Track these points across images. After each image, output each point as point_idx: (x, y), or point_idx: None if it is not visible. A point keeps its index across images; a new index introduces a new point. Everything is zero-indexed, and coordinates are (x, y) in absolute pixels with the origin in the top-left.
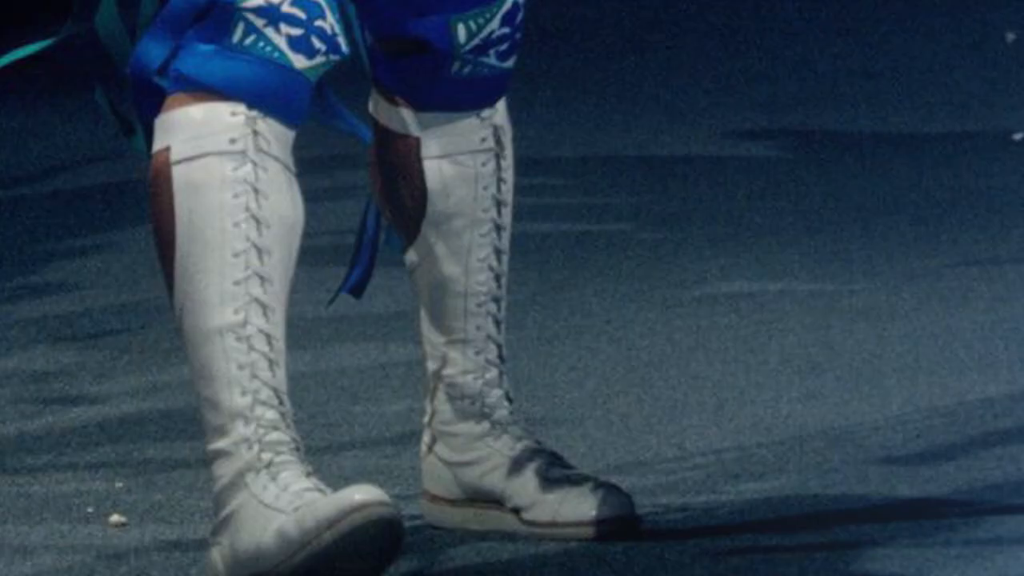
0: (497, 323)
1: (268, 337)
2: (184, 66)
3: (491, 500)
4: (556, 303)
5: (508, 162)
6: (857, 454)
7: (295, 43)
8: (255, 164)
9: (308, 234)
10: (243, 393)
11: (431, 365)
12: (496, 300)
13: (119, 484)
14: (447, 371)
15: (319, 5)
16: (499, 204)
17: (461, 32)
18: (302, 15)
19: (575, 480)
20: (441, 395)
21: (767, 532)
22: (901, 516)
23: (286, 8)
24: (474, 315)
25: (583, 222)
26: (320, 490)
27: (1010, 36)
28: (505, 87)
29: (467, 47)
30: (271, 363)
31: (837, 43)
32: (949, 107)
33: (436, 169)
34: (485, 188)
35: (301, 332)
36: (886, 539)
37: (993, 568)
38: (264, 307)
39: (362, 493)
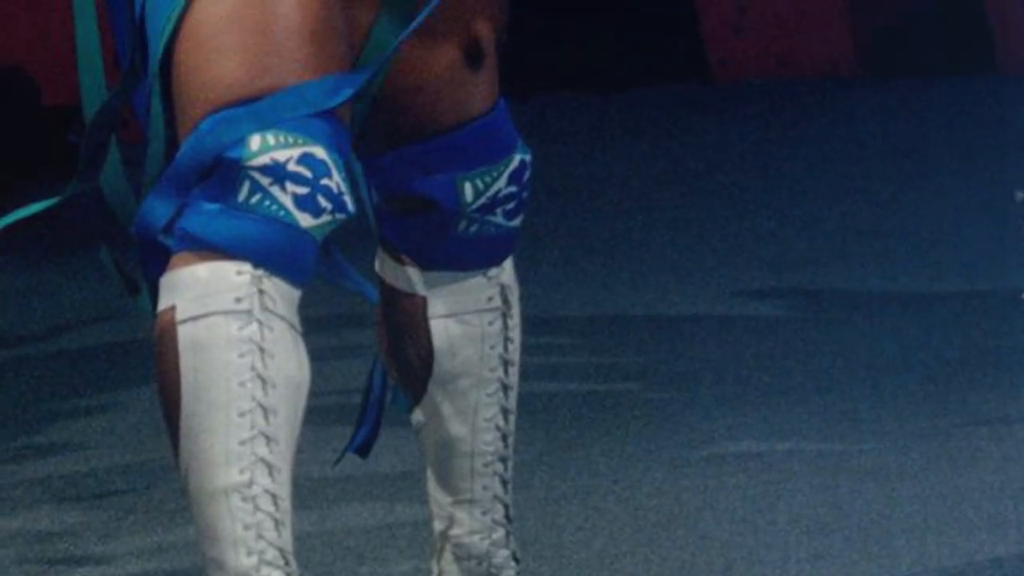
0: (504, 483)
1: (274, 497)
2: (189, 225)
3: None
4: (563, 463)
5: (515, 321)
6: None
7: (301, 202)
8: (261, 323)
9: (314, 393)
10: (249, 553)
11: (438, 525)
12: (503, 460)
13: None
14: (454, 531)
15: (325, 163)
16: (506, 363)
17: (468, 191)
18: (308, 173)
19: None
20: (448, 555)
21: None
22: None
23: (292, 166)
24: (481, 475)
25: (590, 381)
26: None
27: (1019, 195)
28: (512, 246)
29: (474, 206)
30: (277, 523)
31: (846, 202)
32: (958, 266)
33: (443, 328)
34: (492, 347)
35: (307, 492)
36: None
37: None
38: (270, 467)
39: None
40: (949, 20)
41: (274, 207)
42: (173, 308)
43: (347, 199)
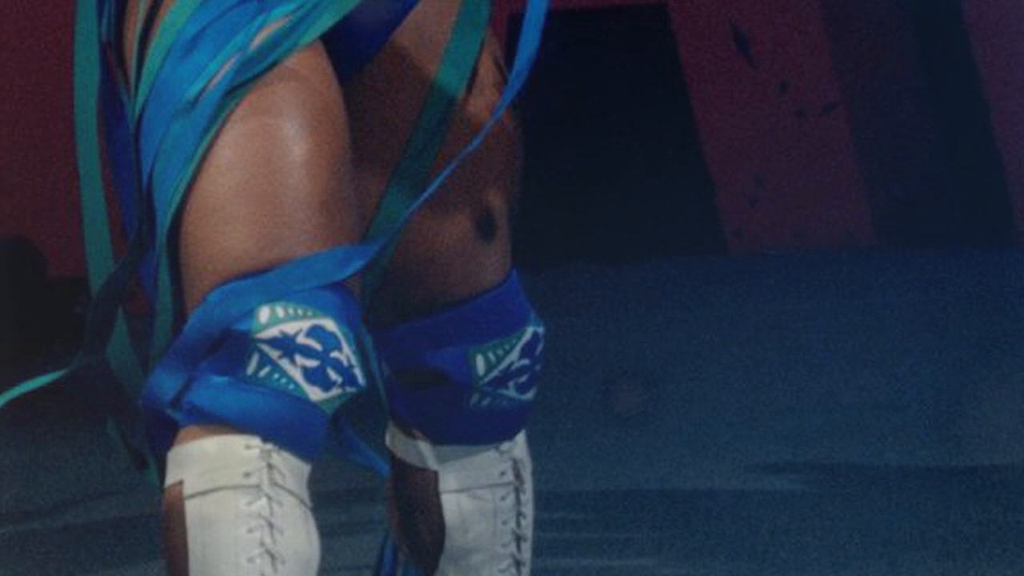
0: None
1: None
2: (197, 398)
3: None
4: None
5: (528, 496)
6: None
7: (311, 375)
8: (270, 498)
9: (324, 569)
10: None
11: None
12: None
13: None
14: None
15: (335, 336)
16: (519, 539)
17: (480, 364)
18: (318, 347)
19: None
20: None
21: None
22: None
23: (301, 339)
24: None
25: (604, 557)
26: None
27: None
28: (524, 419)
29: (486, 379)
30: None
31: (863, 375)
32: (977, 440)
33: (454, 503)
34: (504, 523)
35: None
36: None
37: None
38: None
39: None
40: (968, 191)
41: (283, 380)
42: (181, 483)
43: (357, 372)
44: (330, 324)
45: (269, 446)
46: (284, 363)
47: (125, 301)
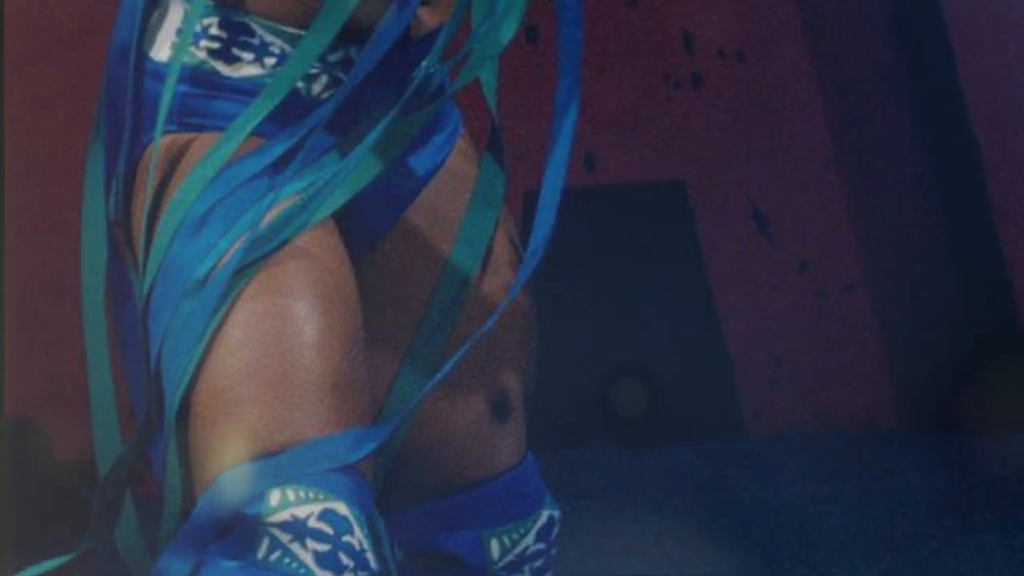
0: None
1: None
2: None
3: None
4: None
5: None
6: None
7: (322, 559)
8: None
9: None
10: None
11: None
12: None
13: None
14: None
15: (347, 520)
16: None
17: (495, 548)
18: (329, 530)
19: None
20: None
21: None
22: None
23: (313, 523)
24: None
25: None
26: None
27: None
28: None
29: (500, 563)
30: None
31: (885, 559)
32: None
33: None
34: None
35: None
36: None
37: None
38: None
39: None
40: (992, 375)
41: (294, 565)
42: None
43: (370, 556)
44: (342, 507)
45: None
46: (295, 547)
47: (133, 484)
